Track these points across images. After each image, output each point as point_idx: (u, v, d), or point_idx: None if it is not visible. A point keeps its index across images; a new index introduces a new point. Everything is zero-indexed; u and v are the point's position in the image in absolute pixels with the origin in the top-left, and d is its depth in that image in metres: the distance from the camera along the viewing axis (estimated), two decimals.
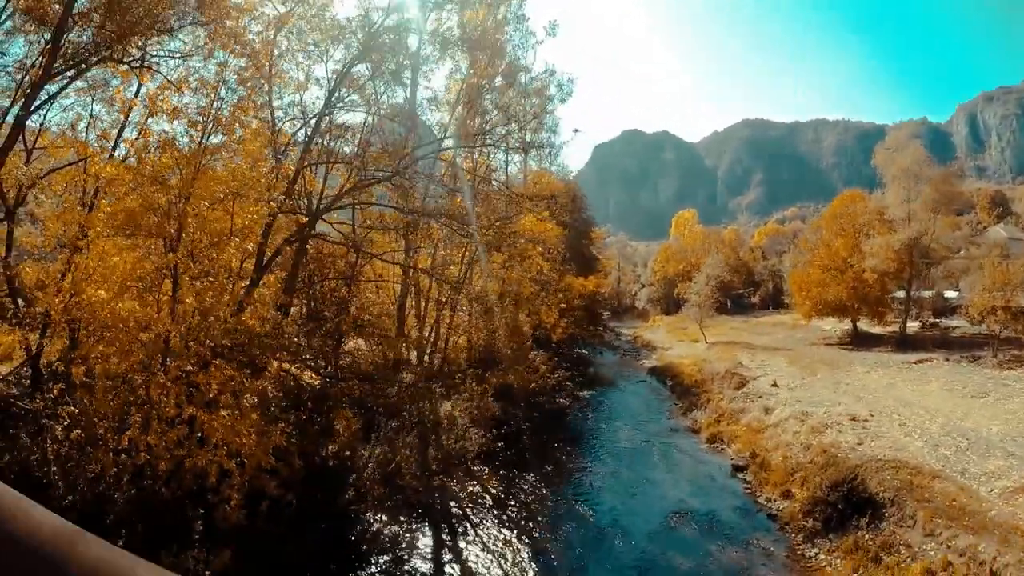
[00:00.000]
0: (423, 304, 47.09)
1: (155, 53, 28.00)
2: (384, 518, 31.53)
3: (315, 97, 34.89)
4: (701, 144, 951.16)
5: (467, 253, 48.87)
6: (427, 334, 48.28)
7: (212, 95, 26.95)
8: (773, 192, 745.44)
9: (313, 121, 33.76)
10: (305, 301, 36.99)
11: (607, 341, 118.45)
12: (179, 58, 28.77)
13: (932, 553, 25.62)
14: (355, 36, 34.46)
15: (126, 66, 26.26)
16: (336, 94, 33.62)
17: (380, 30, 34.40)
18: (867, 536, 28.50)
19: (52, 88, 26.08)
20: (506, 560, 29.40)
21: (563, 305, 71.32)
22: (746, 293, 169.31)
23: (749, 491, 37.84)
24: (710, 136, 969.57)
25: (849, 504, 30.86)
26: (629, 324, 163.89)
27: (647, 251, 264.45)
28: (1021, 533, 25.07)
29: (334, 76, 34.02)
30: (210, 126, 26.34)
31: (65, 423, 21.72)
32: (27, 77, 25.93)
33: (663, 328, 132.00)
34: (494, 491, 37.92)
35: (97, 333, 22.78)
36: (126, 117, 27.32)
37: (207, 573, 20.88)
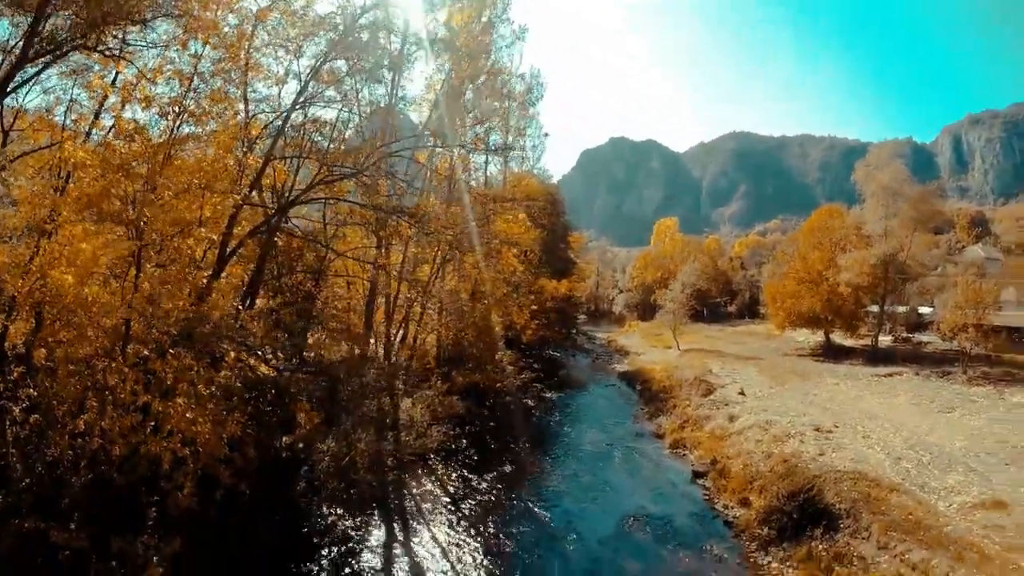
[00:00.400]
0: (392, 301, 46.57)
1: (132, 42, 27.55)
2: (338, 511, 31.47)
3: (292, 91, 34.28)
4: (688, 154, 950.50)
5: (439, 252, 48.37)
6: (395, 331, 47.84)
7: (186, 86, 26.98)
8: (756, 204, 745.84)
9: (284, 115, 33.31)
10: (272, 294, 36.44)
11: (579, 344, 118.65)
12: (155, 48, 28.31)
13: (885, 566, 25.47)
14: (333, 31, 33.92)
15: (99, 54, 25.83)
16: (309, 89, 33.10)
17: (355, 27, 33.94)
18: (821, 546, 28.32)
19: (31, 71, 25.66)
20: (457, 558, 29.21)
21: (534, 307, 71.01)
22: (723, 302, 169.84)
23: (707, 497, 37.69)
24: (696, 146, 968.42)
25: (804, 514, 30.70)
26: (605, 329, 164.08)
27: (628, 257, 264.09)
28: (976, 549, 24.95)
29: (308, 71, 33.60)
30: (182, 116, 26.44)
31: (24, 405, 21.42)
32: (6, 60, 25.48)
33: (638, 333, 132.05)
34: (452, 489, 37.77)
35: (62, 317, 22.44)
36: (101, 104, 26.78)
37: (155, 559, 20.67)
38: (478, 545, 30.52)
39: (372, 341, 43.97)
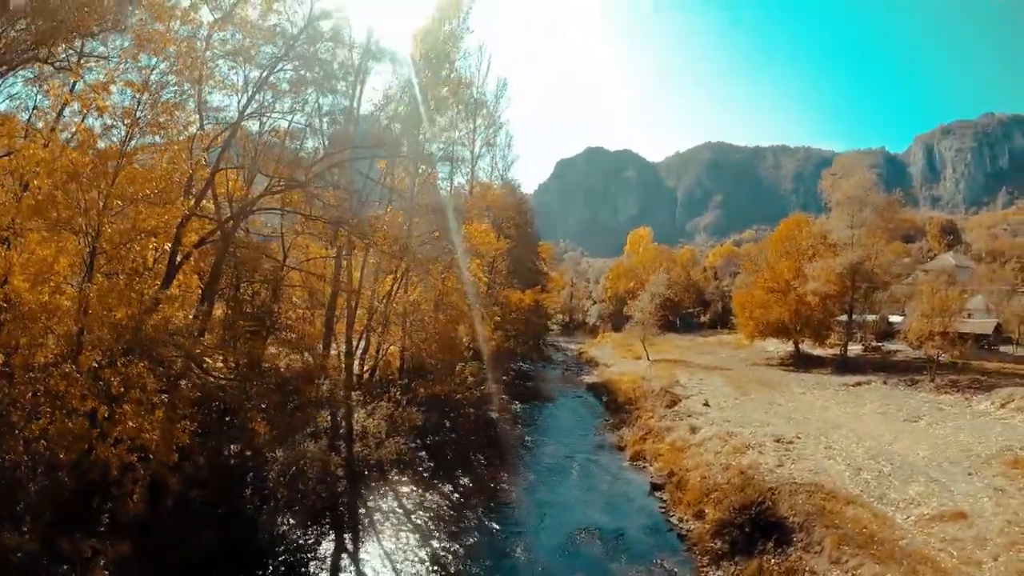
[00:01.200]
0: (352, 311, 45.81)
1: (88, 53, 27.50)
2: (289, 520, 31.48)
3: (247, 101, 33.82)
4: (663, 164, 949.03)
5: (400, 263, 47.78)
6: (357, 342, 47.15)
7: (138, 97, 27.01)
8: (731, 214, 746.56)
9: (233, 125, 32.89)
10: (228, 304, 35.92)
11: (547, 356, 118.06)
12: (107, 60, 28.15)
13: None
14: (280, 42, 33.40)
15: (50, 67, 26.05)
16: (257, 100, 32.69)
17: (301, 39, 33.38)
18: (772, 560, 27.85)
19: None
20: (402, 570, 28.99)
21: (497, 318, 70.36)
22: (695, 312, 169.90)
23: (663, 510, 37.23)
24: (672, 156, 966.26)
25: (757, 527, 30.23)
26: (579, 340, 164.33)
27: (602, 267, 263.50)
28: (931, 563, 24.54)
29: (256, 82, 33.13)
30: (132, 128, 26.62)
31: None
32: None
33: (610, 344, 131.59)
34: (405, 500, 37.38)
35: (19, 324, 22.37)
36: (59, 113, 26.87)
37: (102, 562, 20.72)
38: (426, 557, 30.33)
39: (334, 351, 43.40)
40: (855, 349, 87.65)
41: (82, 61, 27.01)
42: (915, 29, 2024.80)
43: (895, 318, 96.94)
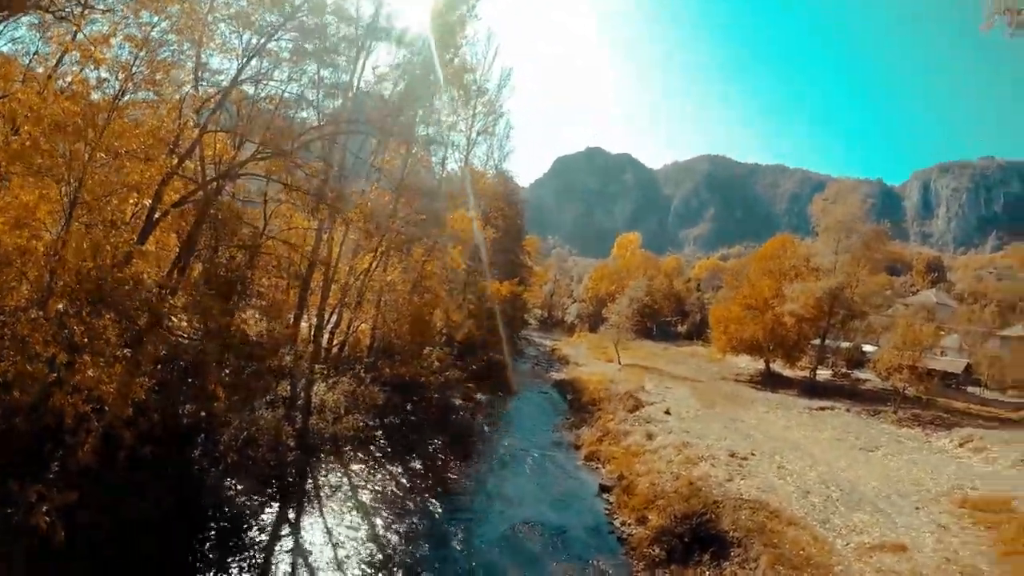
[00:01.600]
0: (327, 285, 45.85)
1: (92, 5, 27.44)
2: (237, 486, 31.39)
3: (242, 66, 33.83)
4: (661, 171, 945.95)
5: (381, 242, 47.83)
6: (328, 316, 47.21)
7: (135, 52, 27.05)
8: (723, 228, 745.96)
9: (225, 89, 32.93)
10: (206, 266, 36.00)
11: (520, 349, 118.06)
12: (111, 12, 28.16)
13: None
14: (279, 10, 33.36)
15: (51, 15, 25.81)
16: (252, 66, 32.72)
17: (300, 9, 33.39)
18: (707, 572, 28.05)
19: None
20: (341, 544, 29.07)
21: (472, 306, 70.51)
22: (673, 321, 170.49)
23: (608, 512, 37.20)
24: (671, 165, 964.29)
25: (696, 538, 30.33)
26: (555, 337, 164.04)
27: (587, 267, 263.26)
28: None
29: (253, 48, 33.16)
30: (126, 83, 26.80)
31: None
32: None
33: (584, 344, 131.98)
34: (355, 477, 37.41)
35: None
36: (58, 61, 26.93)
37: (45, 508, 20.56)
38: (365, 536, 30.31)
39: (305, 324, 43.52)
40: (824, 374, 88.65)
41: (85, 12, 27.07)
42: (919, 64, 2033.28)
43: (869, 347, 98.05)
